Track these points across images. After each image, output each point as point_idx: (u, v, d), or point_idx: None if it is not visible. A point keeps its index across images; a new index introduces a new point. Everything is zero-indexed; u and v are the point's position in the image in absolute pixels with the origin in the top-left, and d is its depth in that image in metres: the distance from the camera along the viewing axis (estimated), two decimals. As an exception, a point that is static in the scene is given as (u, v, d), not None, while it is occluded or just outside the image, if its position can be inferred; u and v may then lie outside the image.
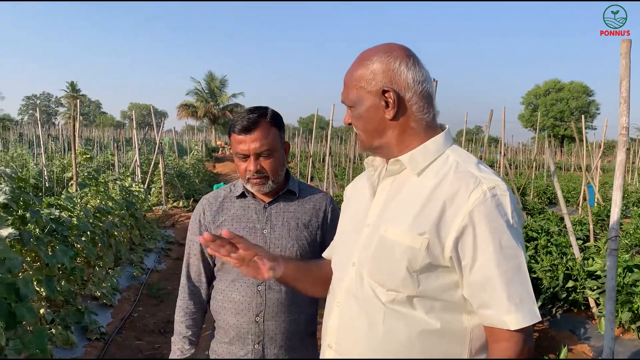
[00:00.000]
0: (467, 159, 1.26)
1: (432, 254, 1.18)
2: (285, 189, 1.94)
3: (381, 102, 1.26)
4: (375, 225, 1.29)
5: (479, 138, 46.47)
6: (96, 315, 4.75)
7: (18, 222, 4.02)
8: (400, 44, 1.31)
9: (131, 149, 17.56)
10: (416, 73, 1.26)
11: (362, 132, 1.32)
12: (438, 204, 1.18)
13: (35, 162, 14.05)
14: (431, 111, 1.30)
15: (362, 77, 1.28)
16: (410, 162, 1.27)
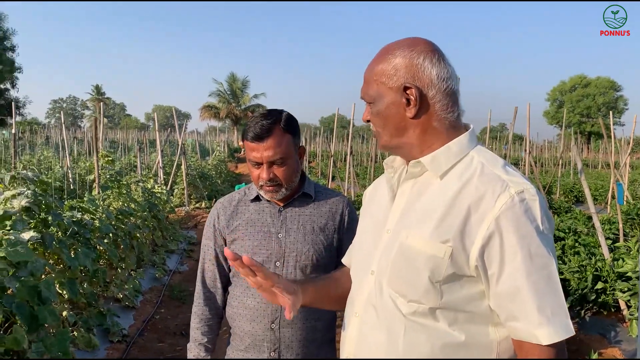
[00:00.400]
0: (493, 160, 1.19)
1: (456, 263, 1.11)
2: (300, 192, 1.88)
3: (402, 99, 1.19)
4: (396, 231, 1.22)
5: (503, 135, 45.83)
6: (118, 317, 4.76)
7: (40, 225, 4.05)
8: (425, 39, 1.24)
9: (154, 150, 17.72)
10: (441, 69, 1.19)
11: (381, 130, 1.26)
12: (462, 210, 1.11)
13: (60, 165, 14.25)
14: (456, 110, 1.22)
15: (383, 72, 1.21)
16: (432, 164, 1.20)
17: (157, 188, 9.47)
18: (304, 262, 1.80)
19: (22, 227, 3.56)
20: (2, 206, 3.62)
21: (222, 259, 1.90)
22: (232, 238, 1.86)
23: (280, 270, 1.79)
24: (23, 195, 3.74)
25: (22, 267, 3.50)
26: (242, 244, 1.83)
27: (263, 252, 1.81)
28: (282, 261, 1.80)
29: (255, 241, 1.82)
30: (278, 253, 1.81)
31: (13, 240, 3.28)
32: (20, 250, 3.27)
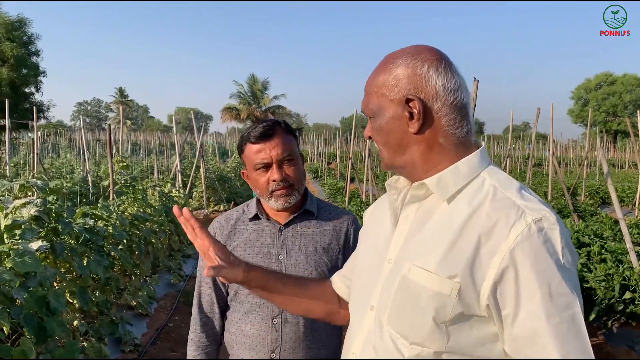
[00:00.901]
0: (507, 183, 1.05)
1: (464, 301, 0.97)
2: (302, 209, 1.76)
3: (404, 112, 1.07)
4: (397, 262, 1.09)
5: (526, 135, 45.09)
6: (131, 326, 4.71)
7: (51, 233, 4.01)
8: (431, 46, 1.11)
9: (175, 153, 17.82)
10: (447, 80, 1.06)
11: (383, 147, 1.14)
12: (472, 240, 0.97)
13: (81, 168, 14.38)
14: (465, 125, 1.08)
15: (384, 83, 1.10)
16: (437, 186, 1.06)
17: (174, 192, 9.46)
18: None
19: (31, 236, 3.52)
20: (12, 215, 3.59)
21: (220, 282, 1.79)
22: None
23: None
24: (32, 204, 3.70)
25: (31, 277, 3.45)
26: None
27: None
28: None
29: (253, 263, 1.71)
30: None
31: (21, 251, 3.23)
32: (28, 261, 3.22)
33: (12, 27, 32.09)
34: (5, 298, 3.14)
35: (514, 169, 24.36)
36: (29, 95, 34.28)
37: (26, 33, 33.39)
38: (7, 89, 31.22)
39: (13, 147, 21.18)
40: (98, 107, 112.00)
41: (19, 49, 31.71)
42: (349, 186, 12.23)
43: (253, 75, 55.17)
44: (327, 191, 16.78)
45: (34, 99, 34.52)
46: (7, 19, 32.00)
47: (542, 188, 14.71)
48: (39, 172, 9.33)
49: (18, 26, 32.66)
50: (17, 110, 31.08)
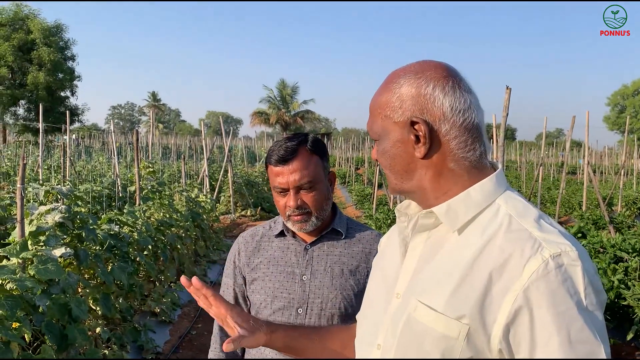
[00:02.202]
0: (524, 211, 0.94)
1: (474, 345, 0.87)
2: (330, 228, 1.67)
3: (410, 135, 0.98)
4: (406, 297, 0.99)
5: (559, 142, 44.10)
6: (154, 333, 4.70)
7: (75, 240, 4.02)
8: (439, 62, 1.01)
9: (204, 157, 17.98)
10: (455, 99, 0.96)
11: (389, 172, 1.05)
12: (483, 277, 0.87)
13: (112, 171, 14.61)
14: (478, 147, 0.98)
15: (387, 104, 1.01)
16: (447, 216, 0.96)
17: (201, 197, 9.49)
18: (330, 310, 1.58)
19: (55, 243, 3.52)
20: (36, 222, 3.60)
21: (242, 300, 1.71)
22: (252, 277, 1.67)
23: (302, 319, 1.59)
24: (57, 211, 3.71)
25: (54, 284, 3.46)
26: (262, 285, 1.64)
27: (284, 296, 1.61)
28: (305, 308, 1.60)
29: (276, 283, 1.63)
30: (301, 298, 1.60)
31: (44, 258, 3.23)
32: (51, 268, 3.21)
33: (50, 32, 33.00)
34: (28, 305, 3.14)
35: (547, 177, 23.82)
36: (64, 99, 35.16)
37: (63, 38, 34.31)
38: (44, 93, 32.10)
39: (48, 150, 21.69)
40: (131, 110, 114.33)
41: (55, 54, 32.57)
42: (376, 192, 12.09)
43: (283, 80, 55.60)
44: (354, 197, 16.66)
45: (69, 103, 35.38)
46: (45, 24, 32.93)
47: (577, 197, 14.32)
48: (71, 176, 9.49)
49: (55, 32, 33.58)
50: (53, 114, 31.92)
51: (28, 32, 32.47)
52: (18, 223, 3.39)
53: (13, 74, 32.86)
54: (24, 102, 34.35)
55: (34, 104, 33.34)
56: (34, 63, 32.29)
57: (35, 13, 33.41)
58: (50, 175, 11.85)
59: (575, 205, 13.02)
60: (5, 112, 32.21)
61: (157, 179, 7.85)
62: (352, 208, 14.95)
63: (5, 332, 2.74)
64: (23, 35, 32.16)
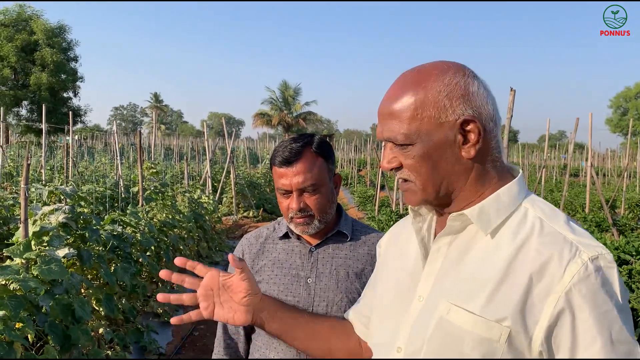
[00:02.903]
0: (553, 215, 0.94)
1: (514, 347, 0.87)
2: (335, 230, 1.65)
3: (457, 136, 0.94)
4: (432, 300, 0.97)
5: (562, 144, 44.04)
6: (156, 334, 4.69)
7: (78, 240, 4.02)
8: (461, 63, 0.99)
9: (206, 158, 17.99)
10: (492, 99, 0.96)
11: (425, 179, 0.97)
12: (522, 280, 0.88)
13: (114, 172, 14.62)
14: (502, 148, 0.99)
15: (427, 103, 0.94)
16: (479, 218, 0.95)
17: (204, 198, 9.49)
18: (335, 313, 1.56)
19: (58, 243, 3.52)
20: (40, 222, 3.60)
21: None
22: (257, 280, 1.66)
23: None
24: (61, 211, 3.71)
25: (57, 285, 3.45)
26: (267, 288, 1.62)
27: (289, 299, 1.59)
28: (311, 311, 1.58)
29: (281, 285, 1.61)
30: (306, 301, 1.59)
31: (47, 258, 3.23)
32: (54, 268, 3.21)
33: (53, 33, 33.06)
34: (31, 305, 3.14)
35: (549, 179, 23.77)
36: (67, 100, 35.20)
37: (65, 39, 34.37)
38: (47, 94, 32.15)
39: (51, 150, 21.72)
40: (134, 111, 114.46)
41: (58, 55, 32.62)
42: (379, 194, 12.08)
43: (285, 81, 55.65)
44: (356, 199, 16.65)
45: (72, 104, 35.42)
46: (48, 25, 32.99)
47: (579, 200, 14.28)
48: (74, 176, 9.49)
49: (58, 32, 33.64)
50: (55, 115, 31.97)
51: (31, 33, 32.54)
52: (22, 223, 3.38)
53: (16, 74, 32.93)
54: (26, 103, 34.43)
55: (36, 105, 33.41)
56: (36, 64, 32.35)
57: (39, 14, 33.49)
58: (53, 175, 11.86)
59: (578, 208, 12.98)
60: (8, 112, 32.24)
61: (159, 179, 7.85)
62: (354, 210, 14.94)
63: (9, 333, 2.74)
64: (26, 36, 32.23)
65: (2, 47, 31.17)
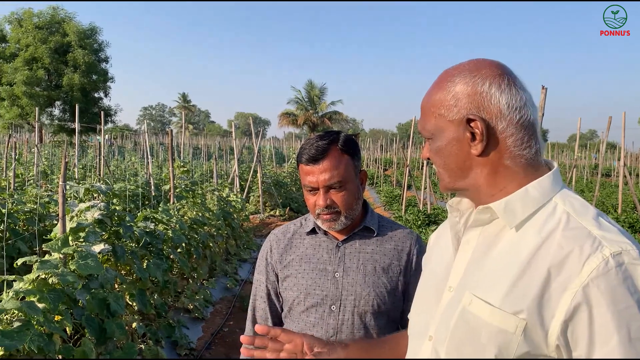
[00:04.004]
0: (583, 210, 0.94)
1: (530, 340, 0.88)
2: (362, 225, 1.68)
3: (465, 133, 0.99)
4: (458, 290, 1.01)
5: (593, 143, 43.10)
6: (187, 329, 4.77)
7: (113, 236, 4.12)
8: (493, 60, 1.02)
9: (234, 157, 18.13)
10: (512, 97, 0.97)
11: (443, 170, 1.06)
12: (541, 273, 0.88)
13: (145, 171, 14.87)
14: (533, 145, 0.99)
15: (442, 103, 1.02)
16: (505, 212, 0.97)
17: (232, 196, 9.59)
18: (363, 307, 1.60)
19: (94, 239, 3.61)
20: (77, 218, 3.70)
21: (275, 297, 1.74)
22: (285, 275, 1.69)
23: (336, 316, 1.61)
24: (96, 208, 3.81)
25: (93, 279, 3.55)
26: (295, 282, 1.66)
27: (317, 293, 1.63)
28: (339, 305, 1.61)
29: (309, 280, 1.65)
30: (334, 295, 1.62)
31: (84, 253, 3.32)
32: (90, 263, 3.30)
33: (85, 35, 33.75)
34: (69, 299, 3.23)
35: (580, 179, 23.31)
36: (98, 100, 35.88)
37: (97, 40, 35.02)
38: (79, 94, 32.83)
39: (82, 149, 22.20)
40: (162, 111, 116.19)
41: (89, 56, 33.29)
42: (405, 194, 12.03)
43: (311, 81, 55.71)
44: (382, 198, 16.60)
45: (103, 104, 36.10)
46: (80, 27, 33.68)
47: (611, 200, 13.97)
48: (105, 175, 9.70)
49: (90, 34, 34.32)
50: (87, 115, 32.64)
51: (64, 35, 33.27)
52: (60, 219, 3.48)
53: (49, 75, 33.71)
54: (59, 103, 35.19)
55: (68, 105, 34.13)
56: (69, 65, 33.07)
57: (71, 16, 34.24)
58: (85, 174, 12.14)
59: (610, 209, 12.70)
60: (42, 113, 33.06)
61: (189, 178, 7.97)
62: (380, 209, 14.90)
63: (49, 325, 2.83)
64: (59, 38, 32.96)
65: (37, 49, 31.96)
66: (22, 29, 32.51)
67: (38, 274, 2.98)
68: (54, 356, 2.85)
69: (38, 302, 2.83)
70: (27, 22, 32.54)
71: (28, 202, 6.11)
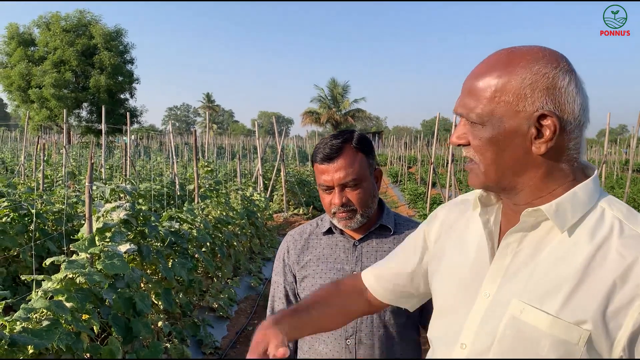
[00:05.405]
0: (631, 215, 0.91)
1: (594, 351, 0.85)
2: (378, 224, 1.67)
3: (531, 129, 0.91)
4: (501, 298, 0.95)
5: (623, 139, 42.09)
6: (212, 328, 4.80)
7: (138, 236, 4.17)
8: (559, 52, 0.94)
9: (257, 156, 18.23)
10: (583, 98, 0.92)
11: (490, 163, 0.96)
12: (604, 282, 0.85)
13: (170, 171, 15.04)
14: (585, 149, 0.96)
15: (510, 89, 0.91)
16: (556, 215, 0.91)
17: (255, 195, 9.63)
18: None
19: (120, 239, 3.66)
20: (103, 218, 3.75)
21: (293, 298, 1.73)
22: (302, 275, 1.69)
23: None
24: (122, 208, 3.85)
25: (119, 279, 3.59)
26: (313, 282, 1.65)
27: None
28: None
29: (327, 280, 1.64)
30: None
31: (110, 253, 3.36)
32: (117, 263, 3.34)
33: (110, 37, 34.33)
34: (96, 298, 3.27)
35: (610, 175, 22.80)
36: (124, 101, 36.46)
37: (122, 42, 35.58)
38: (105, 96, 33.43)
39: (109, 150, 22.57)
40: (187, 112, 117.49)
41: (115, 58, 33.85)
42: (430, 191, 11.92)
43: (333, 79, 55.70)
44: (407, 196, 16.49)
45: (129, 105, 36.66)
46: (106, 30, 34.28)
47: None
48: (131, 175, 9.84)
49: (115, 36, 34.88)
50: (113, 116, 33.20)
51: (90, 38, 33.88)
52: (87, 220, 3.53)
53: (77, 77, 34.36)
54: (86, 105, 35.84)
55: (95, 106, 34.76)
56: (95, 67, 33.67)
57: (97, 19, 34.85)
58: (112, 174, 12.33)
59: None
60: (69, 114, 33.72)
61: (213, 177, 8.03)
62: (404, 207, 14.81)
63: (76, 323, 2.87)
64: (86, 40, 33.58)
65: (64, 51, 32.62)
66: (50, 32, 33.24)
67: (66, 274, 3.03)
68: (81, 355, 2.89)
69: (66, 301, 2.88)
70: (54, 26, 33.24)
71: (56, 203, 6.22)
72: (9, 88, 33.19)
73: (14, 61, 32.84)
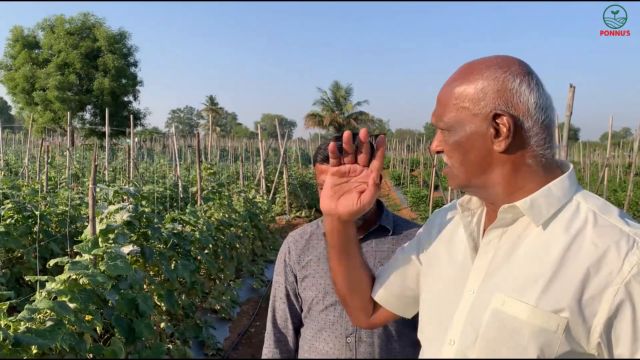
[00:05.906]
0: (606, 208, 0.95)
1: (572, 338, 0.88)
2: (377, 225, 1.69)
3: (490, 129, 0.97)
4: (484, 293, 0.99)
5: (626, 142, 42.03)
6: (214, 330, 4.82)
7: (141, 238, 4.19)
8: (518, 59, 1.01)
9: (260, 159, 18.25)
10: (539, 96, 0.97)
11: (459, 165, 1.03)
12: (578, 271, 0.88)
13: (173, 173, 15.07)
14: (552, 146, 1.00)
15: (466, 95, 0.99)
16: (531, 210, 0.96)
17: (258, 197, 9.66)
18: None
19: (123, 240, 3.68)
20: (106, 220, 3.78)
21: (294, 297, 1.76)
22: (303, 275, 1.72)
23: None
24: (125, 210, 3.88)
25: (122, 280, 3.62)
26: (314, 282, 1.68)
27: (335, 293, 1.64)
28: None
29: (327, 279, 1.67)
30: None
31: (113, 254, 3.39)
32: (120, 264, 3.36)
33: (114, 40, 34.45)
34: (99, 299, 3.30)
35: (613, 178, 22.75)
36: (127, 104, 36.57)
37: (126, 45, 35.71)
38: (109, 98, 33.54)
39: (113, 152, 22.64)
40: (190, 114, 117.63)
41: (119, 61, 33.97)
42: (432, 194, 11.93)
43: (336, 82, 55.69)
44: (409, 199, 16.49)
45: (132, 107, 36.77)
46: (110, 32, 34.41)
47: (646, 200, 13.59)
48: (134, 177, 9.87)
49: (119, 39, 35.01)
50: (116, 118, 33.29)
51: (94, 40, 34.02)
52: (90, 221, 3.56)
53: (80, 80, 34.50)
54: (90, 107, 35.95)
55: (99, 109, 34.87)
56: (99, 69, 33.79)
57: (101, 22, 34.98)
58: (115, 176, 12.37)
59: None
60: (73, 117, 33.83)
61: (216, 180, 8.06)
62: (407, 210, 14.81)
63: (79, 324, 2.90)
64: (90, 43, 33.73)
65: (68, 54, 32.75)
66: (54, 35, 33.38)
67: (69, 275, 3.05)
68: (84, 355, 2.91)
69: (69, 302, 2.90)
70: (59, 29, 33.40)
71: (60, 204, 6.26)
72: (13, 90, 33.33)
73: (19, 64, 33.00)
